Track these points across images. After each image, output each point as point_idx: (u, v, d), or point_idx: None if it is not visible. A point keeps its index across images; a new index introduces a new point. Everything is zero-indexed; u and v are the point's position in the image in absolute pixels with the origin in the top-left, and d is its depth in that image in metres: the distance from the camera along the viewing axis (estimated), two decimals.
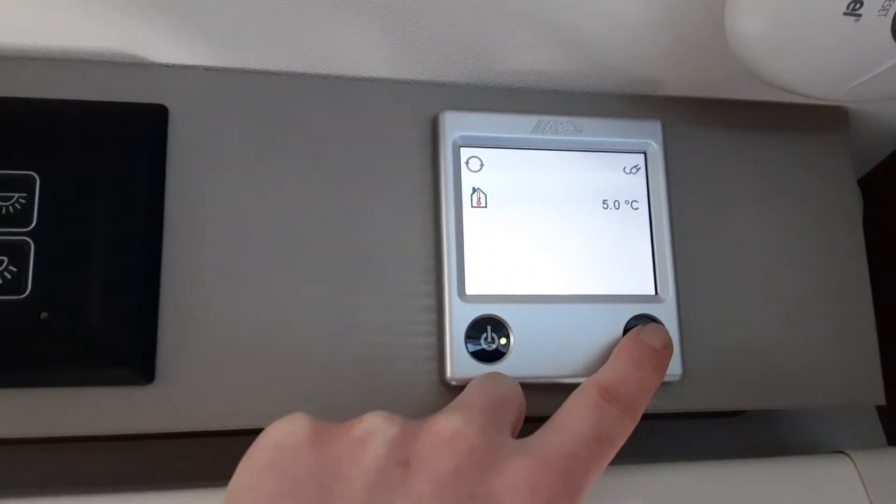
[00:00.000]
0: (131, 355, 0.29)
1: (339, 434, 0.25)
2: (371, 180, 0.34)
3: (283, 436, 0.24)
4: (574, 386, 0.33)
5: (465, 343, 0.32)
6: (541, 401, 0.33)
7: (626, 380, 0.27)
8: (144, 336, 0.30)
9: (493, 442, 0.24)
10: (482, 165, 0.34)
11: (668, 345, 0.30)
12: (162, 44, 0.32)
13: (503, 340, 0.32)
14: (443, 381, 0.32)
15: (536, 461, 0.24)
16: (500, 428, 0.25)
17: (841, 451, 0.37)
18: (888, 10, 0.27)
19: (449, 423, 0.24)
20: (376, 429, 0.24)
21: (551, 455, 0.24)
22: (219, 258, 0.32)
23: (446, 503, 0.22)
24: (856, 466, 0.36)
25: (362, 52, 0.33)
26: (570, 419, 0.26)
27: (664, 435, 0.44)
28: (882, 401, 0.36)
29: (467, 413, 0.25)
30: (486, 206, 0.33)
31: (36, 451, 0.36)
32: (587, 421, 0.25)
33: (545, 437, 0.25)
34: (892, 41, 0.28)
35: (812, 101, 0.37)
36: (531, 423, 0.32)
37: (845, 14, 0.27)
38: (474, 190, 0.34)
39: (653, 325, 0.32)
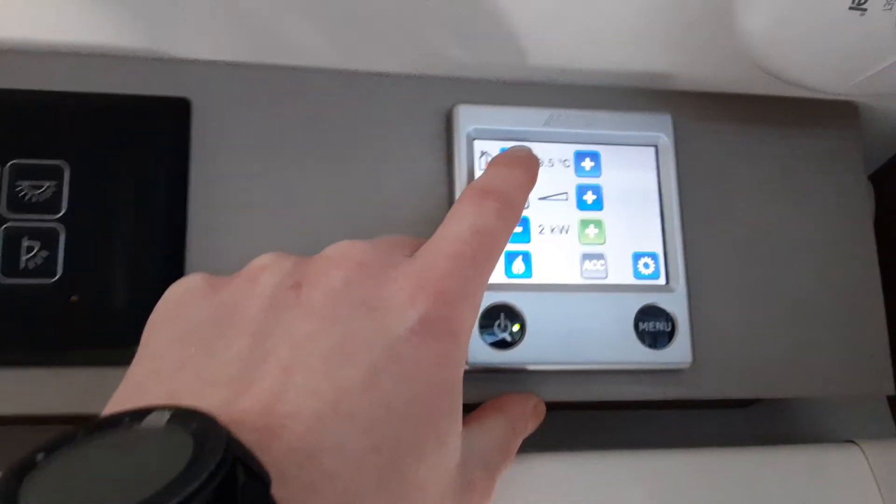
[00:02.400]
0: None
1: (232, 279, 0.25)
2: (387, 172, 0.35)
3: (179, 291, 0.25)
4: (585, 373, 0.34)
5: (479, 330, 0.33)
6: (553, 388, 0.34)
7: (498, 177, 0.28)
8: None
9: (383, 259, 0.25)
10: None
11: (532, 154, 0.30)
12: (185, 39, 0.33)
13: (516, 328, 0.33)
14: None
15: (422, 265, 0.24)
16: (390, 251, 0.25)
17: (851, 441, 0.37)
18: (893, 4, 0.27)
19: (338, 247, 0.25)
20: (267, 265, 0.25)
21: (436, 259, 0.24)
22: (240, 246, 0.33)
23: (338, 309, 0.23)
24: (865, 456, 0.36)
25: (379, 49, 0.34)
26: (449, 225, 0.26)
27: (673, 425, 0.44)
28: (892, 391, 0.36)
29: (354, 241, 0.25)
30: None
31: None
32: (464, 220, 0.26)
33: (428, 246, 0.25)
34: None
35: (821, 96, 0.38)
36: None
37: (851, 8, 0.28)
38: None
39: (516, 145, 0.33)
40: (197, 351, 0.23)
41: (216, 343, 0.23)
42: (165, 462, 0.16)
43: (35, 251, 0.30)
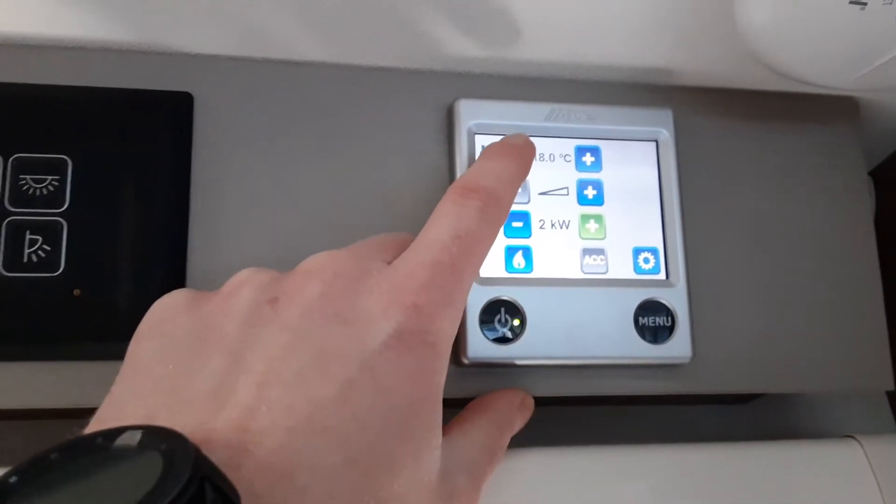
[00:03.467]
0: None
1: (212, 295, 0.25)
2: (389, 166, 0.35)
3: (162, 308, 0.25)
4: (586, 368, 0.34)
5: (480, 325, 0.33)
6: (553, 382, 0.34)
7: (484, 172, 0.27)
8: None
9: (361, 268, 0.24)
10: None
11: (527, 142, 0.29)
12: (188, 34, 0.33)
13: (516, 322, 0.33)
14: (458, 363, 0.33)
15: (399, 274, 0.24)
16: (369, 258, 0.25)
17: (850, 436, 0.37)
18: None
19: (314, 260, 0.25)
20: (244, 280, 0.25)
21: (414, 269, 0.24)
22: (241, 240, 0.33)
23: (313, 323, 0.22)
24: (865, 451, 0.36)
25: (381, 43, 0.34)
26: (430, 229, 0.25)
27: (673, 420, 0.44)
28: (891, 386, 0.36)
29: (333, 252, 0.25)
30: None
31: (70, 424, 0.38)
32: (445, 224, 0.25)
33: (408, 253, 0.25)
34: None
35: (822, 91, 0.38)
36: (544, 406, 0.33)
37: (851, 3, 0.28)
38: None
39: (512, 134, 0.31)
40: (175, 369, 0.23)
41: (194, 360, 0.23)
42: (134, 482, 0.16)
43: (38, 245, 0.30)
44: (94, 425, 0.22)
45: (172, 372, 0.23)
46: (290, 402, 0.21)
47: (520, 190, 0.34)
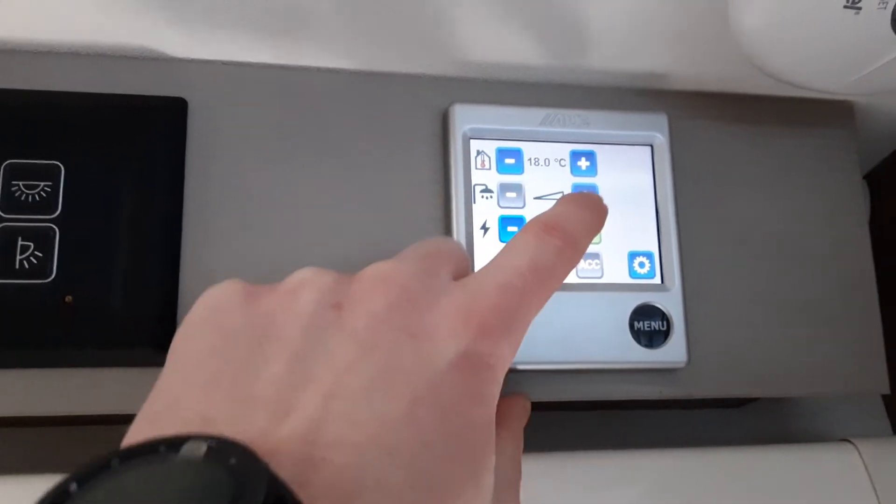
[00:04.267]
0: (150, 338, 0.30)
1: (271, 291, 0.24)
2: (384, 171, 0.35)
3: (216, 298, 0.24)
4: (581, 372, 0.34)
5: None
6: (548, 387, 0.34)
7: (568, 216, 0.27)
8: (163, 319, 0.31)
9: (427, 283, 0.24)
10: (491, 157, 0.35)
11: (603, 202, 0.29)
12: (181, 39, 0.33)
13: None
14: None
15: (469, 294, 0.23)
16: (435, 273, 0.24)
17: (846, 440, 0.37)
18: (888, 3, 0.27)
19: (380, 269, 0.24)
20: (307, 280, 0.24)
21: (485, 287, 0.24)
22: (235, 245, 0.33)
23: (380, 334, 0.22)
24: (860, 454, 0.37)
25: (375, 48, 0.34)
26: (508, 254, 0.25)
27: (669, 424, 0.44)
28: (887, 390, 0.36)
29: (399, 261, 0.25)
30: (494, 196, 0.34)
31: (63, 431, 0.38)
32: (524, 253, 0.25)
33: (481, 273, 0.24)
34: (893, 34, 0.28)
35: (817, 95, 0.38)
36: (540, 411, 0.33)
37: (846, 7, 0.28)
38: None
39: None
40: (232, 366, 0.22)
41: (253, 360, 0.22)
42: (205, 499, 0.15)
43: (29, 251, 0.30)
44: (144, 421, 0.21)
45: (230, 369, 0.22)
46: (357, 418, 0.20)
47: (515, 195, 0.35)
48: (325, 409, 0.20)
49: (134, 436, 0.20)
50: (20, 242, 0.30)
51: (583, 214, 0.27)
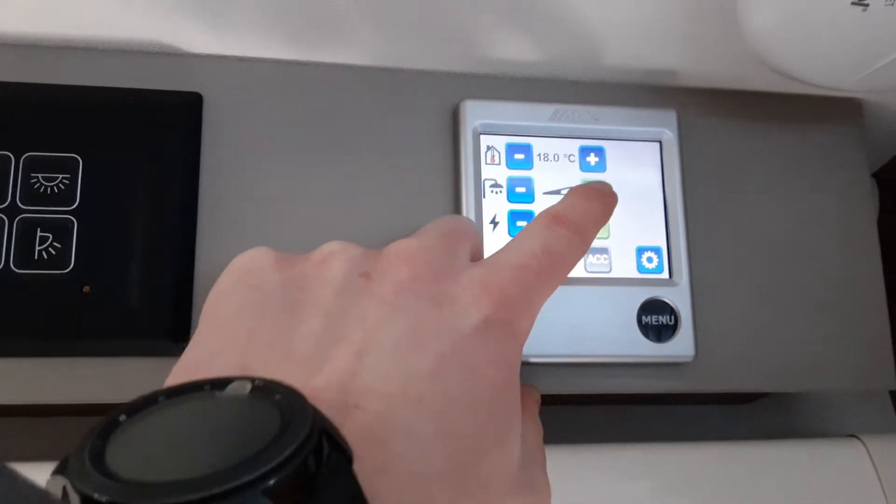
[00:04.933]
0: (166, 327, 0.31)
1: (301, 259, 0.25)
2: (395, 166, 0.35)
3: (248, 261, 0.25)
4: (589, 366, 0.34)
5: None
6: (557, 381, 0.34)
7: (575, 208, 0.28)
8: (179, 309, 0.31)
9: (448, 259, 0.25)
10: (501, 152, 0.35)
11: (612, 191, 0.30)
12: (197, 35, 0.34)
13: None
14: None
15: (488, 269, 0.25)
16: (455, 252, 0.26)
17: (853, 435, 0.37)
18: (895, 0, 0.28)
19: (405, 245, 0.25)
20: (336, 251, 0.25)
21: (503, 265, 0.25)
22: (249, 238, 0.33)
23: (407, 301, 0.23)
24: (867, 450, 0.37)
25: (386, 44, 0.35)
26: (521, 239, 0.26)
27: (676, 420, 0.44)
28: (894, 386, 0.37)
29: (422, 238, 0.26)
30: (504, 191, 0.35)
31: (79, 421, 0.38)
32: (537, 238, 0.26)
33: (497, 254, 0.26)
34: None
35: (826, 93, 0.38)
36: (548, 405, 0.34)
37: (853, 4, 0.28)
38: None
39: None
40: (269, 323, 0.23)
41: (288, 319, 0.23)
42: (254, 429, 0.16)
43: (48, 243, 0.30)
44: (180, 372, 0.22)
45: (266, 326, 0.23)
46: (387, 371, 0.21)
47: (524, 190, 0.35)
48: (357, 363, 0.21)
49: (174, 381, 0.21)
50: (39, 234, 0.31)
51: (590, 206, 0.28)
